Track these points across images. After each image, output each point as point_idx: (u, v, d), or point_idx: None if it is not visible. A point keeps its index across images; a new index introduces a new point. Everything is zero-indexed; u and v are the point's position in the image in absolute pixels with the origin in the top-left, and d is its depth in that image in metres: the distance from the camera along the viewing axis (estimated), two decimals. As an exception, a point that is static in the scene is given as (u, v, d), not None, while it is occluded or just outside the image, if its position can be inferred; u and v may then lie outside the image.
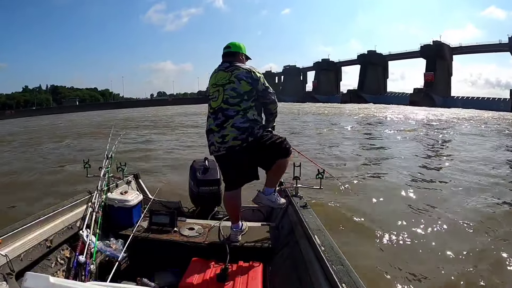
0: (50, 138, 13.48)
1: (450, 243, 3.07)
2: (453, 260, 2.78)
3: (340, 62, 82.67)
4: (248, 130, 1.91)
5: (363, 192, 4.70)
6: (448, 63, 60.57)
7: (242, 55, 2.09)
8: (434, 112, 30.43)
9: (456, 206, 4.15)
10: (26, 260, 1.54)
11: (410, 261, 2.77)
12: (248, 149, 1.92)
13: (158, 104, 65.11)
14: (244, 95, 1.94)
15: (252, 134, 1.92)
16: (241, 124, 1.91)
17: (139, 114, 33.10)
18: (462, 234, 3.34)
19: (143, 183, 2.96)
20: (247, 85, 1.94)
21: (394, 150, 9.01)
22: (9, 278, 1.39)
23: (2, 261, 1.40)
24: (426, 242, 3.14)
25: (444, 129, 15.07)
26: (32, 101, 78.77)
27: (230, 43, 2.10)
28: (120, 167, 2.72)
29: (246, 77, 1.95)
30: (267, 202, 2.06)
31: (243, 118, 1.92)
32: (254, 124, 1.95)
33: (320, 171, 2.25)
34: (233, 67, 1.98)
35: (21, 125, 25.36)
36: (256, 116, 2.00)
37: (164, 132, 14.19)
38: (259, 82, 1.97)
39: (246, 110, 1.94)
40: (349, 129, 15.05)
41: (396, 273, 2.57)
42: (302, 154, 2.66)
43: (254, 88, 1.96)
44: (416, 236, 3.26)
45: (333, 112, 29.51)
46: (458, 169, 6.35)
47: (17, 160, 8.58)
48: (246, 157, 1.94)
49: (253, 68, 2.00)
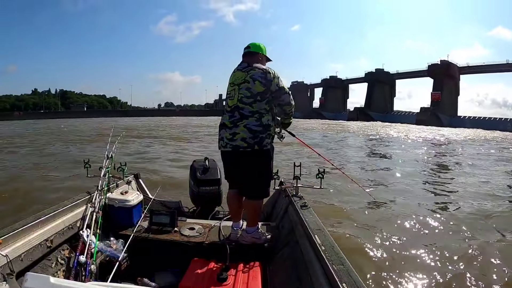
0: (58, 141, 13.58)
1: (452, 244, 3.06)
2: (454, 261, 2.78)
3: (348, 79, 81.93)
4: (258, 136, 1.92)
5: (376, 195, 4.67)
6: (455, 82, 59.80)
7: (261, 56, 2.08)
8: (441, 132, 29.20)
9: (457, 211, 4.17)
10: (27, 260, 1.54)
11: (410, 261, 2.78)
12: (250, 155, 1.95)
13: (165, 115, 65.86)
14: (257, 96, 1.94)
15: (259, 143, 1.93)
16: (254, 127, 1.93)
17: (137, 123, 32.69)
18: (462, 235, 3.34)
19: (143, 183, 2.96)
20: (261, 86, 1.93)
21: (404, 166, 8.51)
22: (10, 278, 1.39)
23: (3, 261, 1.40)
24: (426, 242, 3.14)
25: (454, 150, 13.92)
26: (41, 104, 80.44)
27: (251, 43, 2.10)
28: (120, 167, 2.72)
29: (261, 77, 1.94)
30: (252, 240, 2.01)
31: (257, 121, 1.93)
32: (266, 130, 1.95)
33: (321, 170, 2.26)
34: (250, 68, 1.99)
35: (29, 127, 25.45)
36: (271, 121, 2.00)
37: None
38: (272, 83, 1.95)
39: (262, 114, 1.95)
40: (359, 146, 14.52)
41: (397, 273, 2.57)
42: (315, 150, 2.63)
43: (268, 89, 1.95)
44: (418, 237, 3.26)
45: (341, 130, 28.05)
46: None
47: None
48: (245, 161, 1.96)
49: (270, 69, 1.98)
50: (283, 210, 2.28)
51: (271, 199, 2.65)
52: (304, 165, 2.50)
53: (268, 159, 2.02)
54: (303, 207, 2.02)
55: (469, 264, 2.73)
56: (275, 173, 2.38)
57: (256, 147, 1.92)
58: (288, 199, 2.27)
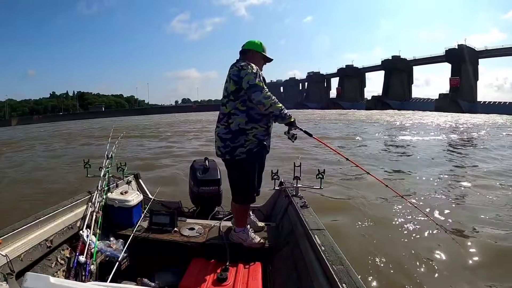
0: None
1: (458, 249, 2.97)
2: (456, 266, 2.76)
3: (364, 68, 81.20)
4: (229, 146, 1.83)
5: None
6: (474, 67, 58.61)
7: (253, 53, 1.96)
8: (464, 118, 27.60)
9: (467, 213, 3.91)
10: (27, 260, 1.54)
11: (411, 262, 2.77)
12: (225, 162, 1.96)
13: (182, 111, 66.73)
14: (230, 95, 1.85)
15: (230, 153, 1.85)
16: (223, 135, 1.87)
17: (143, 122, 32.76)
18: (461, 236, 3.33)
19: (143, 183, 2.96)
20: (233, 84, 1.83)
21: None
22: (10, 278, 1.39)
23: (3, 261, 1.40)
24: (427, 243, 3.14)
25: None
26: (59, 107, 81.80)
27: (247, 41, 2.02)
28: (120, 167, 2.72)
29: (235, 75, 1.82)
30: (238, 240, 2.00)
31: (226, 128, 1.85)
32: (238, 136, 1.82)
33: (321, 171, 2.25)
34: (233, 65, 1.91)
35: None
36: (244, 124, 1.82)
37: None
38: (243, 80, 1.78)
39: (232, 116, 1.83)
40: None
41: (397, 273, 2.56)
42: (340, 153, 2.45)
43: (240, 87, 1.80)
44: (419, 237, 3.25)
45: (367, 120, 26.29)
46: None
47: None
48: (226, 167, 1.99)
49: (246, 65, 1.81)
50: (283, 210, 2.28)
51: (271, 199, 2.65)
52: (304, 166, 2.46)
53: (241, 169, 1.89)
54: (303, 207, 2.02)
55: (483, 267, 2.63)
56: (275, 173, 2.38)
57: (227, 156, 1.87)
58: (288, 199, 2.27)
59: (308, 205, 2.07)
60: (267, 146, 1.96)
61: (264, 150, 1.94)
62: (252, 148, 1.86)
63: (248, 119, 1.83)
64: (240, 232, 2.00)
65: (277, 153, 7.00)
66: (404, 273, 2.55)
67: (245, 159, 1.85)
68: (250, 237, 2.00)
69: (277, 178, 2.41)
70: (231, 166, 1.93)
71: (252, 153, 1.86)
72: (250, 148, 1.85)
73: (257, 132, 1.86)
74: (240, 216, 2.02)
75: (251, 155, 1.86)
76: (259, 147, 1.89)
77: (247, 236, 2.00)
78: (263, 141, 1.90)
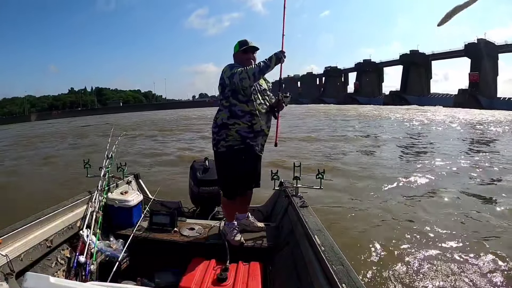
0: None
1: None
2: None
3: (382, 62, 79.16)
4: (216, 139, 1.97)
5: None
6: (493, 62, 56.97)
7: (235, 56, 2.06)
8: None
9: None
10: (27, 260, 1.54)
11: (411, 261, 2.77)
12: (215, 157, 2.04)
13: (198, 106, 67.03)
14: (220, 95, 2.01)
15: (215, 145, 1.99)
16: (213, 129, 2.01)
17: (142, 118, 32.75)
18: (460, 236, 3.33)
19: (143, 183, 2.96)
20: (219, 85, 1.99)
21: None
22: (10, 278, 1.39)
23: (3, 261, 1.40)
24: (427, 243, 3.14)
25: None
26: (78, 102, 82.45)
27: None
28: (120, 167, 2.72)
29: (220, 78, 1.98)
30: (224, 233, 2.08)
31: (214, 123, 2.00)
32: (221, 130, 1.93)
33: (320, 171, 2.25)
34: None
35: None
36: (226, 119, 1.92)
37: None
38: (224, 78, 1.92)
39: (218, 113, 1.99)
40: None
41: (397, 273, 2.56)
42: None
43: (224, 85, 1.94)
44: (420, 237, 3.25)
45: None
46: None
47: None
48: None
49: (225, 67, 1.96)
50: (283, 210, 2.28)
51: (271, 200, 2.65)
52: (304, 166, 2.46)
53: (220, 162, 2.01)
54: (303, 207, 2.02)
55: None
56: (274, 173, 2.38)
57: (214, 148, 2.00)
58: (288, 199, 2.27)
59: (308, 205, 2.07)
60: (254, 146, 1.94)
61: (250, 150, 1.93)
62: (233, 145, 1.91)
63: (230, 114, 1.92)
64: (225, 226, 2.09)
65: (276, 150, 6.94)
66: (404, 273, 2.55)
67: (224, 152, 1.94)
68: (232, 234, 2.03)
69: (277, 178, 2.41)
70: (215, 158, 2.06)
71: (233, 149, 1.91)
72: (231, 144, 1.92)
73: (239, 128, 1.90)
74: (225, 208, 2.16)
75: (232, 151, 1.92)
76: (242, 145, 1.91)
77: (229, 231, 2.05)
78: (247, 138, 1.91)
